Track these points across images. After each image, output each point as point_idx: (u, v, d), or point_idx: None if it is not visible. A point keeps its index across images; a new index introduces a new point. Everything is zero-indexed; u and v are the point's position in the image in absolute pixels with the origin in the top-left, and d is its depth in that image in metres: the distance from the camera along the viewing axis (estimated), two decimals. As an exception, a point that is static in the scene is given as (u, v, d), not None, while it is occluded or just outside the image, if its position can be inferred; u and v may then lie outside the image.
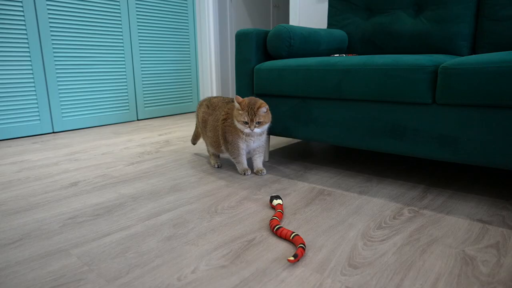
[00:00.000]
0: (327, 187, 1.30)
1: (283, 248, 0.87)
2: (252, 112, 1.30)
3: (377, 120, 1.22)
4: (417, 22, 1.64)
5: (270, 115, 1.37)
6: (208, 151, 1.59)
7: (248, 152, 1.47)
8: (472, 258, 0.82)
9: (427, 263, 0.81)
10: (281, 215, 1.01)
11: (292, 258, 0.79)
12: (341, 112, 1.31)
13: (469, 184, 1.31)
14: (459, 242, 0.90)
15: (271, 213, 1.08)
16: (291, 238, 0.89)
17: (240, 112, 1.31)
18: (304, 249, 0.83)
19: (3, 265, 0.81)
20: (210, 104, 1.54)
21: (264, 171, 1.45)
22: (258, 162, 1.47)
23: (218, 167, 1.55)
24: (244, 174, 1.43)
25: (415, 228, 0.98)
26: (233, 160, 1.46)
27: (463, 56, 1.57)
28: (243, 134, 1.36)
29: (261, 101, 1.33)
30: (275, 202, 1.09)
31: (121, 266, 0.81)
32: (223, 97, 1.54)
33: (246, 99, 1.32)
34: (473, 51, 1.57)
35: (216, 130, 1.45)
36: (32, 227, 1.00)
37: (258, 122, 1.31)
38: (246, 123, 1.31)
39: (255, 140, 1.40)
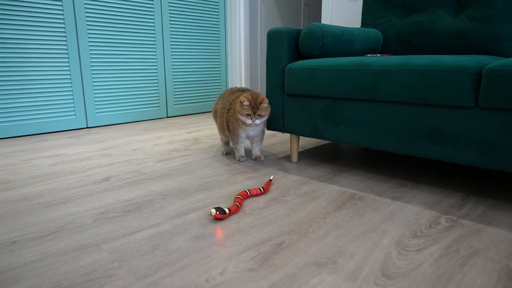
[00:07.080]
0: (358, 191, 1.26)
1: (313, 253, 0.85)
2: (255, 106, 1.45)
3: (414, 123, 1.17)
4: (457, 21, 1.56)
5: (269, 109, 1.53)
6: (221, 139, 1.78)
7: (247, 138, 1.63)
8: (517, 274, 0.77)
9: (467, 277, 0.76)
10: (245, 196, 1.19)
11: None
12: (374, 114, 1.26)
13: (512, 193, 1.23)
14: (503, 256, 0.84)
15: (300, 216, 1.06)
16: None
17: (245, 107, 1.46)
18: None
19: (39, 257, 0.84)
20: (223, 94, 1.73)
21: (262, 157, 1.65)
22: (256, 150, 1.65)
23: (226, 154, 1.76)
24: (239, 160, 1.63)
25: (453, 238, 0.92)
26: (232, 146, 1.64)
27: (507, 57, 1.48)
28: (244, 124, 1.52)
29: (262, 96, 1.48)
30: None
31: (150, 263, 0.81)
32: (232, 88, 1.73)
33: (249, 95, 1.46)
34: (519, 52, 1.48)
35: (222, 117, 1.63)
36: (66, 220, 1.03)
37: (259, 115, 1.47)
38: (249, 115, 1.46)
39: (253, 129, 1.57)
